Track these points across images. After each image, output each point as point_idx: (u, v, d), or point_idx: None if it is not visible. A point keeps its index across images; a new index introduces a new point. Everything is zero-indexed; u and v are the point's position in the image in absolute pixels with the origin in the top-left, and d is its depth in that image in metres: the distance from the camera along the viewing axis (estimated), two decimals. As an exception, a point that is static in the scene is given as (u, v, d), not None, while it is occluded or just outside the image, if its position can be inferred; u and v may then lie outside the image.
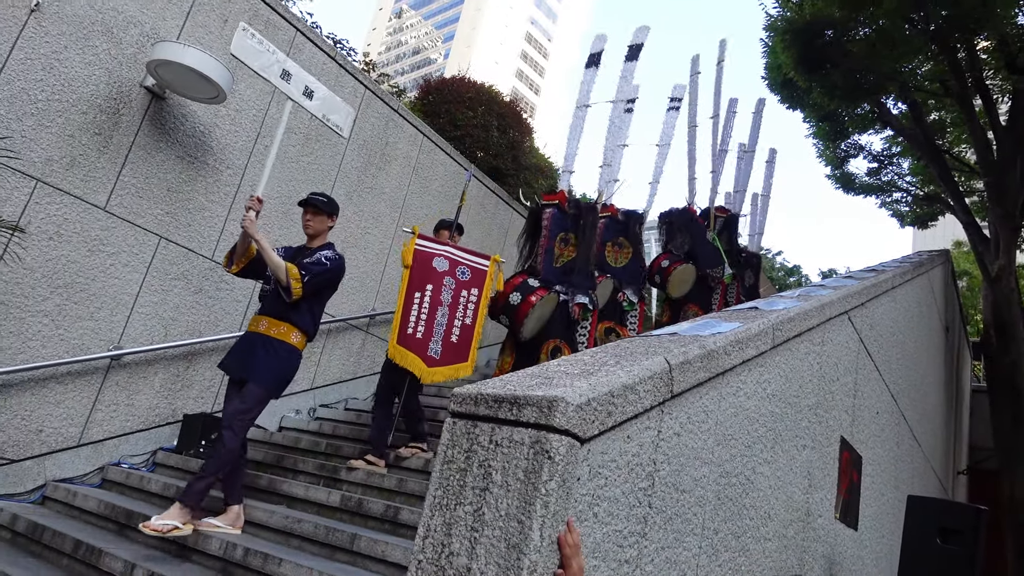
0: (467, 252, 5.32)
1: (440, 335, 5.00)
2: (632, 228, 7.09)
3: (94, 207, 4.96)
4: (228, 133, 5.87)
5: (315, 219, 4.24)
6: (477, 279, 5.25)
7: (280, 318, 4.01)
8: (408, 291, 5.01)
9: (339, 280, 4.25)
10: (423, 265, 5.08)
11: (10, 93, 4.53)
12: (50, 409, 4.74)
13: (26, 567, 3.50)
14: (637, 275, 7.02)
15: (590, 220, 6.04)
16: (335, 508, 4.10)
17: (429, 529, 1.65)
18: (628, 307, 6.95)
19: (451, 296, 5.09)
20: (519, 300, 5.51)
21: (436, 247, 5.21)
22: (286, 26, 6.33)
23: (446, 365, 5.00)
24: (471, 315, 5.15)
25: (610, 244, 7.16)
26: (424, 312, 5.00)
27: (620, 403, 1.79)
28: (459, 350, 5.05)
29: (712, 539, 2.37)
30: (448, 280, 5.13)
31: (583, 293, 5.82)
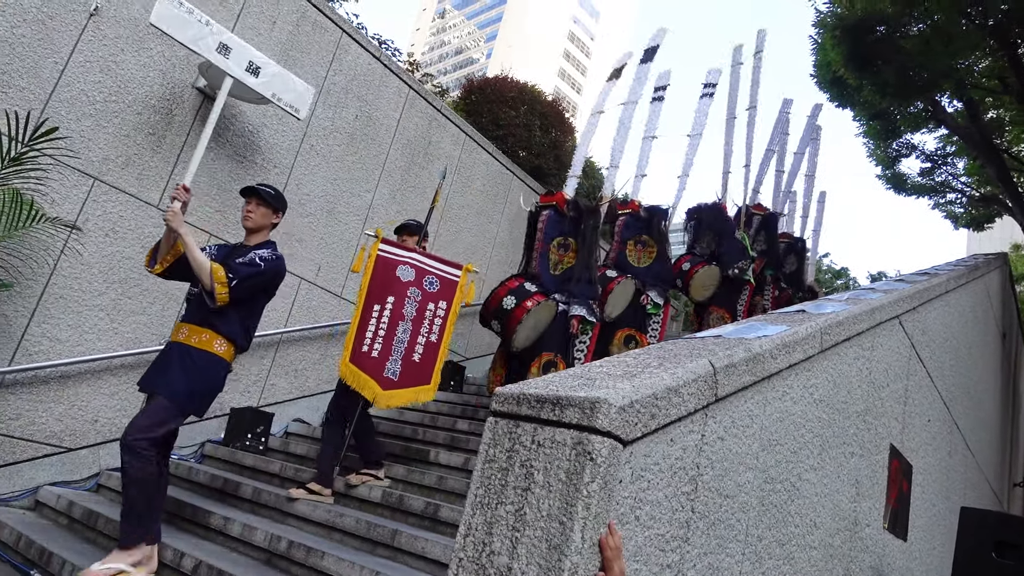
0: (436, 260, 4.82)
1: (400, 353, 4.48)
2: (656, 225, 6.70)
3: (147, 205, 5.11)
4: (275, 133, 5.99)
5: (257, 211, 3.79)
6: (446, 290, 4.72)
7: (202, 324, 3.53)
8: (366, 303, 4.52)
9: (276, 285, 3.79)
10: (385, 274, 4.58)
11: (70, 95, 4.69)
12: (105, 400, 4.90)
13: (81, 552, 3.63)
14: (662, 275, 6.65)
15: (590, 224, 5.65)
16: (376, 504, 4.15)
17: (470, 527, 1.66)
18: (653, 309, 6.56)
19: (415, 309, 4.59)
20: (513, 304, 5.08)
21: (401, 254, 4.70)
22: (332, 27, 6.43)
23: (405, 388, 4.46)
24: (437, 331, 4.62)
25: (632, 242, 6.75)
26: (383, 327, 4.48)
27: (663, 406, 1.77)
28: (421, 371, 4.51)
29: (756, 546, 2.33)
30: (413, 291, 4.62)
31: (582, 304, 5.44)
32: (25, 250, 4.43)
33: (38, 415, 4.59)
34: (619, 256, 6.72)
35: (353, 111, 6.64)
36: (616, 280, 6.31)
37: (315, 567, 3.28)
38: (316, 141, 6.32)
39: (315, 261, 6.34)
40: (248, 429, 5.27)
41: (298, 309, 6.19)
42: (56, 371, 4.66)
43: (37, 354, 4.57)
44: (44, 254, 4.56)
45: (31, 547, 3.69)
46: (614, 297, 6.27)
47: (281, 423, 5.95)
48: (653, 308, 6.56)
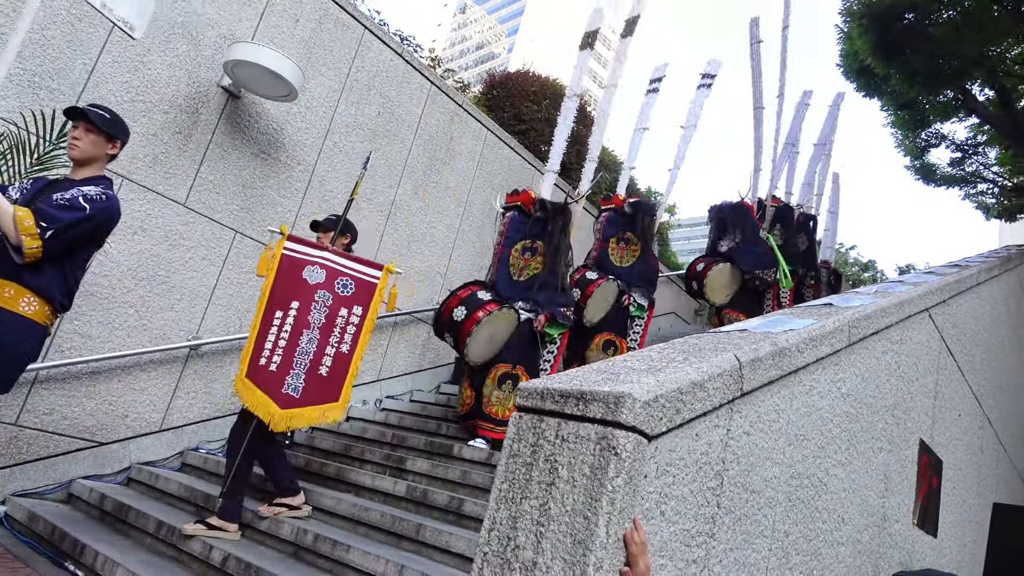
0: (352, 260, 4.24)
1: (303, 366, 3.91)
2: (641, 221, 6.25)
3: (174, 203, 5.18)
4: (299, 130, 6.03)
5: (86, 139, 3.08)
6: (363, 294, 4.14)
7: (7, 277, 2.83)
8: (267, 310, 3.93)
9: (107, 230, 3.15)
10: (290, 275, 4.02)
11: (99, 95, 4.77)
12: (135, 396, 4.98)
13: (113, 544, 3.70)
14: (647, 275, 6.25)
15: (559, 224, 5.17)
16: (400, 498, 4.17)
17: (495, 522, 1.66)
18: (636, 311, 6.16)
19: (324, 316, 4.02)
20: (464, 315, 4.76)
21: (310, 253, 4.14)
22: (355, 24, 6.46)
23: (308, 405, 3.89)
24: (350, 340, 4.05)
25: (615, 240, 6.32)
26: (284, 337, 3.91)
27: (688, 400, 1.76)
28: (328, 386, 3.95)
29: (783, 542, 2.31)
30: (322, 295, 4.05)
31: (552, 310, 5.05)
32: (56, 248, 4.52)
33: (71, 410, 4.69)
34: (600, 255, 6.33)
35: (375, 107, 6.67)
36: (596, 283, 5.95)
37: (341, 560, 3.31)
38: (339, 138, 6.36)
39: (339, 257, 6.38)
40: (274, 424, 5.33)
41: (322, 305, 6.23)
42: (87, 367, 4.75)
43: (69, 350, 4.66)
44: (75, 252, 4.64)
45: (64, 539, 3.77)
46: (594, 301, 5.91)
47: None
48: (637, 310, 6.19)
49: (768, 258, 6.71)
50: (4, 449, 4.41)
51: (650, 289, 6.28)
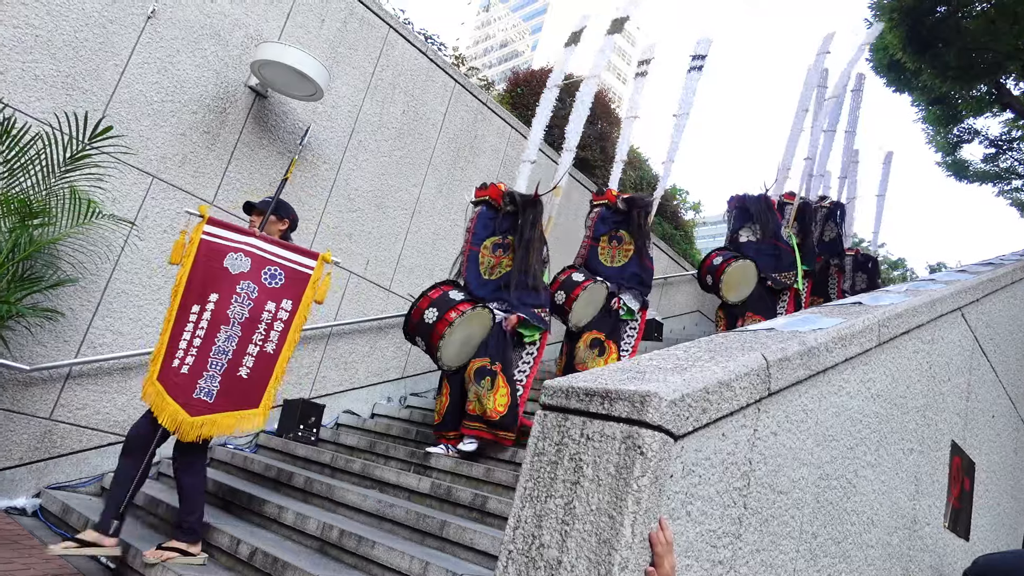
0: (283, 247, 3.81)
1: (219, 367, 3.50)
2: (636, 218, 5.80)
3: (203, 201, 5.25)
4: (324, 129, 6.08)
5: None
6: (294, 286, 3.73)
7: None
8: (182, 303, 3.51)
9: None
10: (209, 263, 3.58)
11: (129, 96, 4.85)
12: (164, 391, 5.06)
13: (143, 537, 3.76)
14: (641, 277, 5.83)
15: (529, 218, 4.88)
16: (425, 494, 4.19)
17: (520, 520, 1.66)
18: (626, 315, 5.75)
19: (248, 310, 3.58)
20: (436, 317, 4.50)
21: (233, 238, 3.69)
22: (380, 23, 6.49)
23: (223, 411, 3.47)
24: (276, 339, 3.63)
25: (606, 239, 5.91)
26: (199, 334, 3.49)
27: (715, 400, 1.74)
28: (248, 390, 3.54)
29: (810, 543, 2.28)
30: (246, 286, 3.61)
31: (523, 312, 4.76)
32: (89, 247, 4.61)
33: (102, 405, 4.78)
34: (589, 255, 5.94)
35: (400, 106, 6.70)
36: (582, 285, 5.55)
37: (366, 556, 3.34)
38: (364, 136, 6.40)
39: (364, 255, 6.43)
40: (300, 420, 5.39)
41: (348, 302, 6.29)
42: (119, 363, 4.84)
43: (101, 346, 4.75)
44: (107, 250, 4.73)
45: (97, 531, 3.84)
46: (580, 305, 5.53)
47: (332, 414, 6.06)
48: (627, 314, 5.76)
49: (787, 260, 6.43)
50: (39, 443, 4.51)
51: (643, 291, 5.88)
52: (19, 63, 4.38)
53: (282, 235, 4.04)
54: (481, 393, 4.59)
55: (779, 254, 6.41)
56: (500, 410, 4.57)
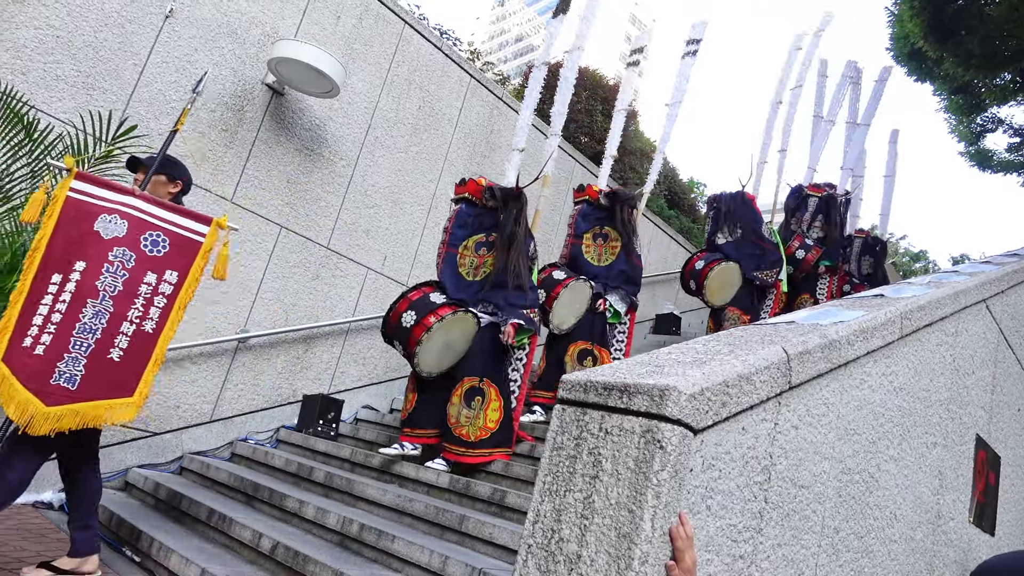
0: (168, 209, 3.26)
1: (85, 349, 2.98)
2: (621, 213, 5.50)
3: (222, 199, 5.30)
4: (341, 126, 6.11)
5: None
6: (180, 256, 3.20)
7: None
8: (39, 272, 2.99)
9: None
10: (75, 226, 3.05)
11: (148, 95, 4.89)
12: (186, 387, 5.12)
13: (168, 531, 3.82)
14: (629, 276, 5.52)
15: (513, 213, 4.57)
16: (444, 489, 4.21)
17: (539, 514, 1.66)
18: (613, 318, 5.43)
19: (122, 282, 3.06)
20: (413, 321, 4.24)
21: (108, 197, 3.15)
22: (395, 19, 6.50)
23: (89, 400, 2.96)
24: (156, 317, 3.12)
25: (589, 236, 5.57)
26: (60, 308, 2.97)
27: (735, 393, 1.73)
28: (121, 375, 3.05)
29: (832, 538, 2.26)
30: (121, 253, 3.07)
31: (513, 316, 4.45)
32: (111, 244, 4.66)
33: (126, 401, 4.84)
34: (573, 253, 5.60)
35: (416, 102, 6.71)
36: (563, 283, 5.21)
37: (386, 550, 3.36)
38: (380, 133, 6.42)
39: (381, 251, 6.45)
40: (320, 415, 5.43)
41: (365, 298, 6.32)
42: (141, 359, 4.89)
43: (124, 343, 4.81)
44: (128, 248, 4.78)
45: (122, 526, 3.90)
46: (561, 305, 5.20)
47: (351, 409, 6.10)
48: (614, 316, 5.43)
49: (770, 257, 6.14)
50: (64, 438, 4.57)
51: (631, 291, 5.55)
52: (41, 64, 4.44)
53: (174, 199, 3.48)
54: (471, 416, 4.35)
55: (762, 252, 6.15)
56: (491, 427, 4.34)
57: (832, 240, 6.75)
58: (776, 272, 6.13)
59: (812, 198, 6.89)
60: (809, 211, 6.96)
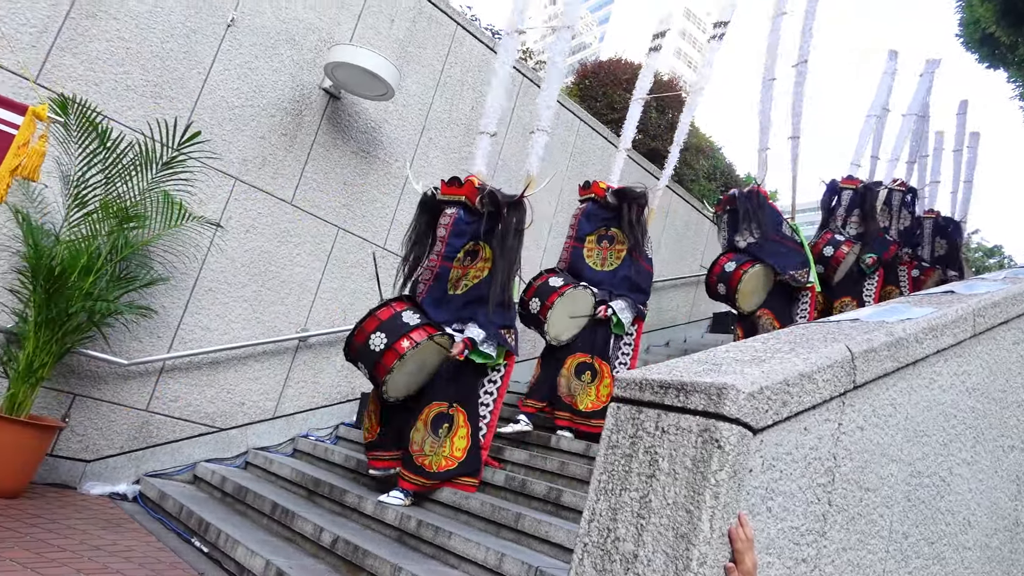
0: None
1: None
2: (629, 214, 5.05)
3: (282, 201, 5.44)
4: (396, 128, 6.19)
5: None
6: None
7: None
8: None
9: None
10: None
11: (212, 101, 5.06)
12: (250, 385, 5.28)
13: (235, 524, 3.94)
14: (635, 282, 5.09)
15: (511, 223, 4.13)
16: (500, 487, 4.23)
17: (594, 513, 1.65)
18: (617, 328, 4.94)
19: None
20: (384, 345, 3.76)
21: None
22: (447, 21, 6.56)
23: None
24: None
25: (593, 238, 5.13)
26: None
27: (796, 392, 1.68)
28: None
29: (901, 544, 2.18)
30: None
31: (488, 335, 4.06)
32: (179, 247, 4.85)
33: (194, 398, 5.03)
34: (572, 258, 5.16)
35: (469, 102, 6.75)
36: (559, 291, 4.78)
37: (443, 546, 3.39)
38: (434, 134, 6.48)
39: (436, 251, 6.52)
40: (377, 413, 5.51)
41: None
42: (207, 357, 5.08)
43: (191, 342, 4.99)
44: (194, 250, 4.97)
45: (191, 517, 4.05)
46: (557, 315, 4.77)
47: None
48: (617, 327, 4.94)
49: (795, 258, 5.69)
50: (137, 433, 4.78)
51: (639, 299, 5.08)
52: (112, 75, 4.64)
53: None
54: (436, 445, 3.97)
55: (787, 251, 5.68)
56: (458, 455, 4.01)
57: (871, 233, 6.33)
58: (806, 272, 5.66)
59: (846, 191, 6.48)
60: (843, 206, 6.54)
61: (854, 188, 6.52)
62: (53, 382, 4.41)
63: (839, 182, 6.68)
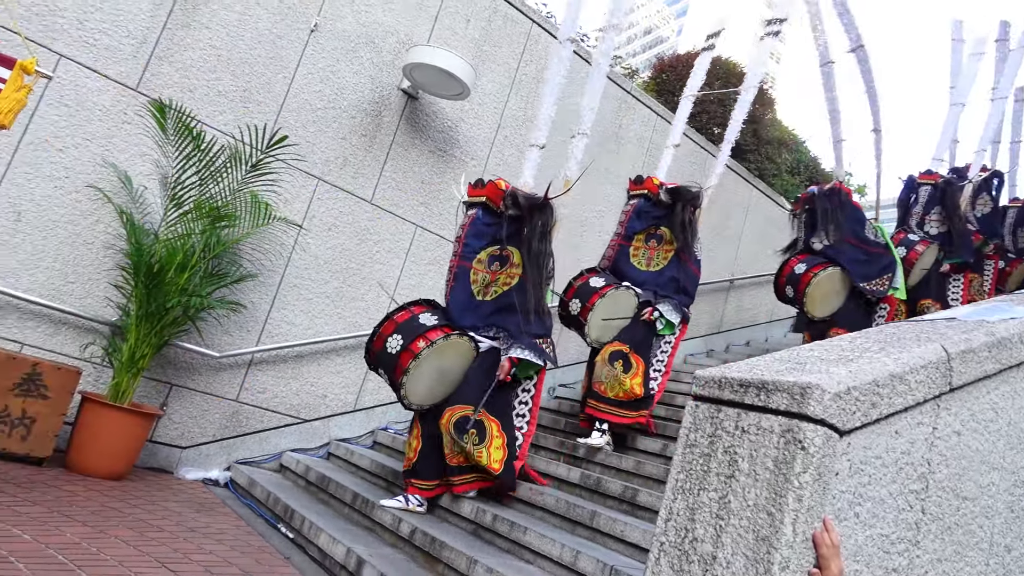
0: None
1: None
2: (681, 213, 4.87)
3: (362, 200, 5.60)
4: (472, 127, 6.26)
5: None
6: None
7: None
8: None
9: None
10: None
11: (296, 104, 5.25)
12: (332, 378, 5.46)
13: (318, 512, 4.09)
14: (681, 285, 4.89)
15: (538, 226, 3.99)
16: (574, 484, 4.22)
17: (671, 512, 1.63)
18: (665, 329, 4.81)
19: None
20: (399, 347, 3.70)
21: None
22: (523, 19, 6.58)
23: None
24: None
25: (641, 237, 4.97)
26: None
27: (887, 394, 1.61)
28: None
29: (1003, 557, 2.05)
30: None
31: (523, 345, 3.90)
32: (265, 245, 5.06)
33: (280, 390, 5.24)
34: (617, 257, 5.01)
35: (544, 99, 6.75)
36: (599, 292, 4.65)
37: (518, 541, 3.42)
38: (510, 132, 6.52)
39: (511, 248, 6.55)
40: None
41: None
42: (292, 351, 5.28)
43: (277, 336, 5.20)
44: (280, 248, 5.17)
45: (277, 504, 4.22)
46: (597, 316, 4.66)
47: (483, 403, 6.25)
48: (666, 328, 4.81)
49: (879, 263, 5.25)
50: (229, 422, 5.02)
51: (684, 301, 4.91)
52: (205, 81, 4.88)
53: None
54: (466, 447, 3.79)
55: (867, 257, 5.26)
56: (495, 467, 3.82)
57: (958, 234, 5.82)
58: (888, 279, 5.23)
59: (924, 187, 6.03)
60: (921, 203, 6.08)
61: (933, 183, 6.07)
62: (152, 372, 4.68)
63: (916, 177, 6.24)
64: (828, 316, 5.15)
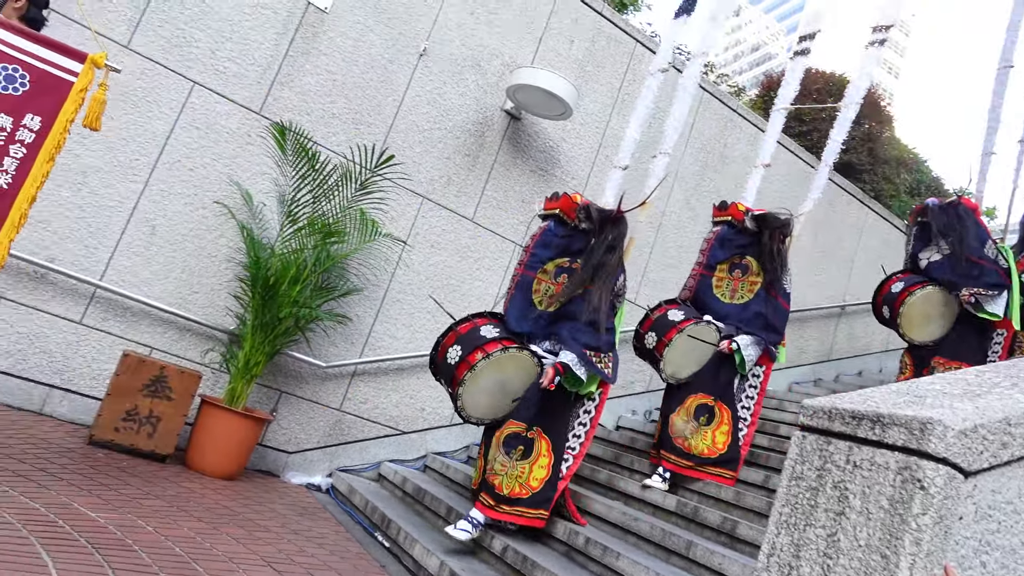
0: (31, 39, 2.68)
1: None
2: (771, 244, 4.54)
3: (464, 219, 5.72)
4: (573, 146, 6.29)
5: None
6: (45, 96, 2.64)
7: None
8: None
9: None
10: None
11: (404, 125, 5.45)
12: (429, 392, 5.58)
13: (413, 523, 4.18)
14: (764, 319, 4.52)
15: (606, 240, 3.89)
16: (670, 512, 4.11)
17: (774, 547, 1.56)
18: (740, 367, 4.48)
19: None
20: (458, 358, 3.67)
21: None
22: (627, 39, 6.57)
23: None
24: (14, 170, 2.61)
25: (725, 267, 4.69)
26: None
27: (1020, 434, 1.48)
28: None
29: None
30: None
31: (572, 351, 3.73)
32: (371, 261, 5.26)
33: (380, 401, 5.40)
34: (699, 288, 4.75)
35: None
36: (678, 327, 4.42)
37: (610, 566, 3.36)
38: (610, 152, 6.50)
39: (609, 268, 6.51)
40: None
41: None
42: (394, 364, 5.44)
43: (380, 348, 5.38)
44: (384, 263, 5.36)
45: (375, 512, 4.35)
46: (675, 351, 4.44)
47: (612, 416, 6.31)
48: (740, 365, 4.49)
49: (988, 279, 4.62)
50: (331, 430, 5.22)
51: (771, 339, 4.53)
52: (320, 105, 5.16)
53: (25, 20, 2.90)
54: (507, 465, 3.71)
55: (979, 273, 4.65)
56: (534, 485, 3.70)
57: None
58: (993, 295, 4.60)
59: None
60: None
61: None
62: (264, 379, 4.94)
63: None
64: (931, 342, 4.71)
